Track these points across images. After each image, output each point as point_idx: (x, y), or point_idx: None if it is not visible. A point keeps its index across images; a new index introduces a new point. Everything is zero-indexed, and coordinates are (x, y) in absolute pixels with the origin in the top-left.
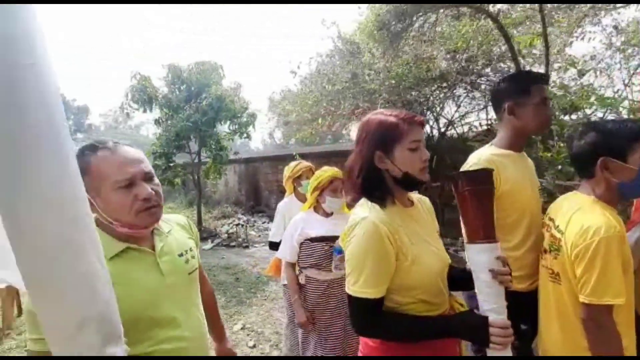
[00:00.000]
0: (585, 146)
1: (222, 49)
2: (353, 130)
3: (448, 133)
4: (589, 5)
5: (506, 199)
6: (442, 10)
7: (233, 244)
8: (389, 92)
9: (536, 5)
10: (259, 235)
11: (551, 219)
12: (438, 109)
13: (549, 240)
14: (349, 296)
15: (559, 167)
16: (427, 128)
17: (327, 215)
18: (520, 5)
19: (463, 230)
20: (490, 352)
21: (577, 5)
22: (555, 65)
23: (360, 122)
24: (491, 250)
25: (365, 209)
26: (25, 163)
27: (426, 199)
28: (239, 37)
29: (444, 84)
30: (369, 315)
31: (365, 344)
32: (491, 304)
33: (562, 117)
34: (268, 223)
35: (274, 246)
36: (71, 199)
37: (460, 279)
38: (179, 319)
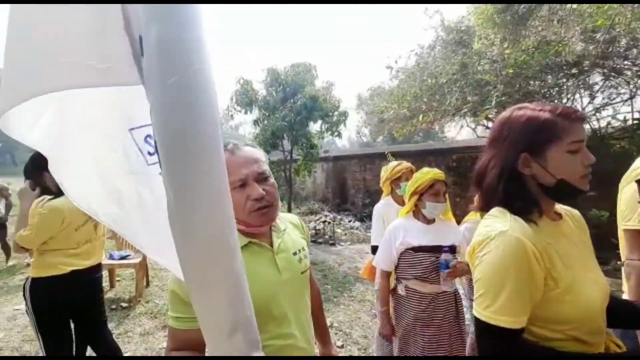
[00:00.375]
0: None
1: (316, 47)
2: (452, 128)
3: None
4: None
5: None
6: None
7: (320, 240)
8: (505, 83)
9: None
10: (345, 234)
11: None
12: (565, 100)
13: None
14: (478, 320)
15: None
16: None
17: (429, 222)
18: None
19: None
20: None
21: None
22: None
23: (499, 117)
24: None
25: (502, 220)
26: (199, 161)
27: (576, 212)
28: (333, 36)
29: (574, 70)
30: (503, 348)
31: None
32: None
33: None
34: (354, 222)
35: (376, 250)
36: (227, 198)
37: (619, 313)
38: (290, 317)
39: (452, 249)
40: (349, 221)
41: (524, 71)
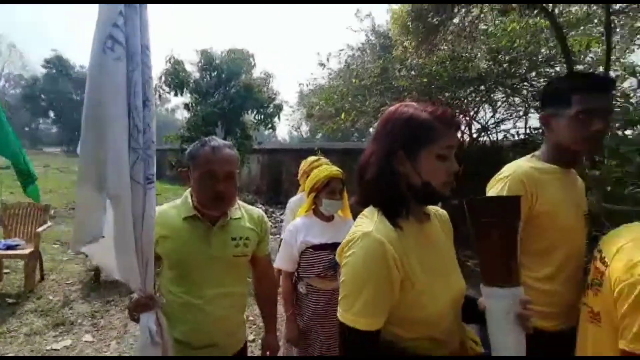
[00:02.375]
0: None
1: (254, 37)
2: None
3: (480, 139)
4: None
5: (542, 221)
6: (487, 5)
7: None
8: (419, 91)
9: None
10: (275, 226)
11: (599, 250)
12: (472, 112)
13: (593, 273)
14: (340, 323)
15: (608, 188)
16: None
17: (327, 219)
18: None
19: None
20: None
21: None
22: (612, 74)
23: (386, 112)
24: (513, 296)
25: (369, 221)
26: (104, 130)
27: (444, 213)
28: (272, 26)
29: (482, 86)
30: (360, 349)
31: None
32: (511, 352)
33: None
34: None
35: None
36: (124, 163)
37: (473, 311)
38: (208, 284)
39: None
40: (281, 214)
41: (436, 81)
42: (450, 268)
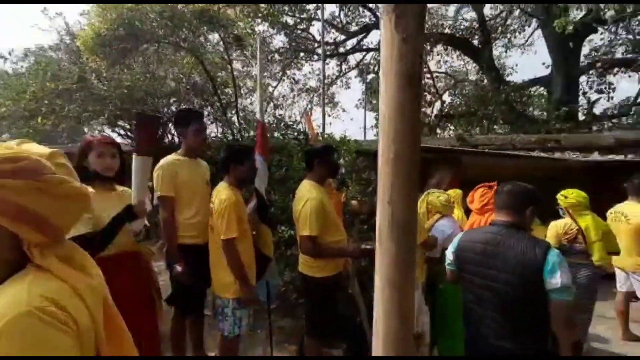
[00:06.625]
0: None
1: None
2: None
3: None
4: None
5: (182, 187)
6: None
7: None
8: (120, 100)
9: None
10: None
11: None
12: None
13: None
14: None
15: None
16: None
17: None
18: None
19: None
20: None
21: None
22: None
23: None
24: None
25: None
26: None
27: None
28: None
29: (175, 99)
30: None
31: None
32: None
33: None
34: None
35: None
36: None
37: None
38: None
39: None
40: None
41: (135, 94)
42: None
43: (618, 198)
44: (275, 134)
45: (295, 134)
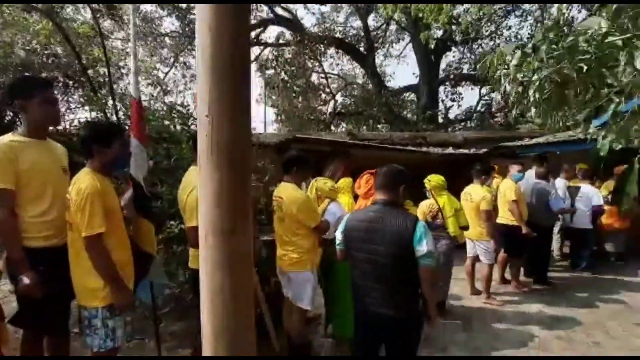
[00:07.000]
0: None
1: None
2: None
3: None
4: None
5: (26, 175)
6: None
7: None
8: None
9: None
10: None
11: None
12: None
13: None
14: None
15: None
16: None
17: None
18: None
19: None
20: None
21: None
22: None
23: None
24: None
25: None
26: None
27: None
28: None
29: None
30: None
31: None
32: None
33: None
34: None
35: None
36: None
37: None
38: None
39: None
40: None
41: None
42: None
43: (467, 182)
44: (166, 122)
45: (185, 120)
